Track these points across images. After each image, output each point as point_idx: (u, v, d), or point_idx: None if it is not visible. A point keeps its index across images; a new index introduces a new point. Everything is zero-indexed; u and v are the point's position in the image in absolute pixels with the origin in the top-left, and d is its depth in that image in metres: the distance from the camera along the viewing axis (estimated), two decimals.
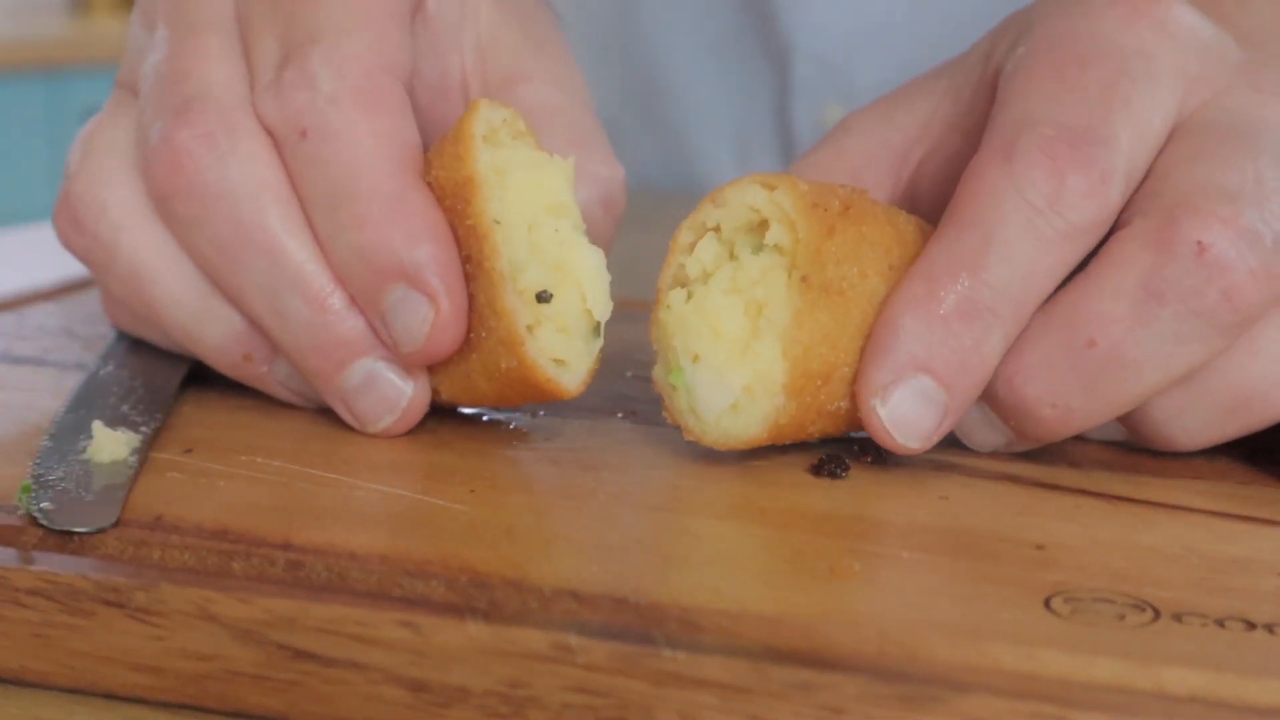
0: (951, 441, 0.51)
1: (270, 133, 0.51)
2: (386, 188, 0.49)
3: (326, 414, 0.54)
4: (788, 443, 0.49)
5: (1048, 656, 0.37)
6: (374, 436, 0.52)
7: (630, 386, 0.58)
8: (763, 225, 0.48)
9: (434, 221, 0.49)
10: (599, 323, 0.51)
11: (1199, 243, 0.46)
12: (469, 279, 0.50)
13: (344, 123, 0.50)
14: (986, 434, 0.50)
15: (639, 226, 0.87)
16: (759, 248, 0.48)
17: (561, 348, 0.50)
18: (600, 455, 0.50)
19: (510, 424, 0.54)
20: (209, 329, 0.53)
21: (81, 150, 0.55)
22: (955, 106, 0.54)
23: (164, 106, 0.52)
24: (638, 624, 0.38)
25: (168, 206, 0.51)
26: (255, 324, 0.52)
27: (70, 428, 0.50)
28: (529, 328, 0.49)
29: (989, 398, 0.49)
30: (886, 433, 0.47)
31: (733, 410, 0.47)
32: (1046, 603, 0.40)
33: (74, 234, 0.54)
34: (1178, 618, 0.39)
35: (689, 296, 0.49)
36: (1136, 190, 0.49)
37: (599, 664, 0.38)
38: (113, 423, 0.50)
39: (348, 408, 0.52)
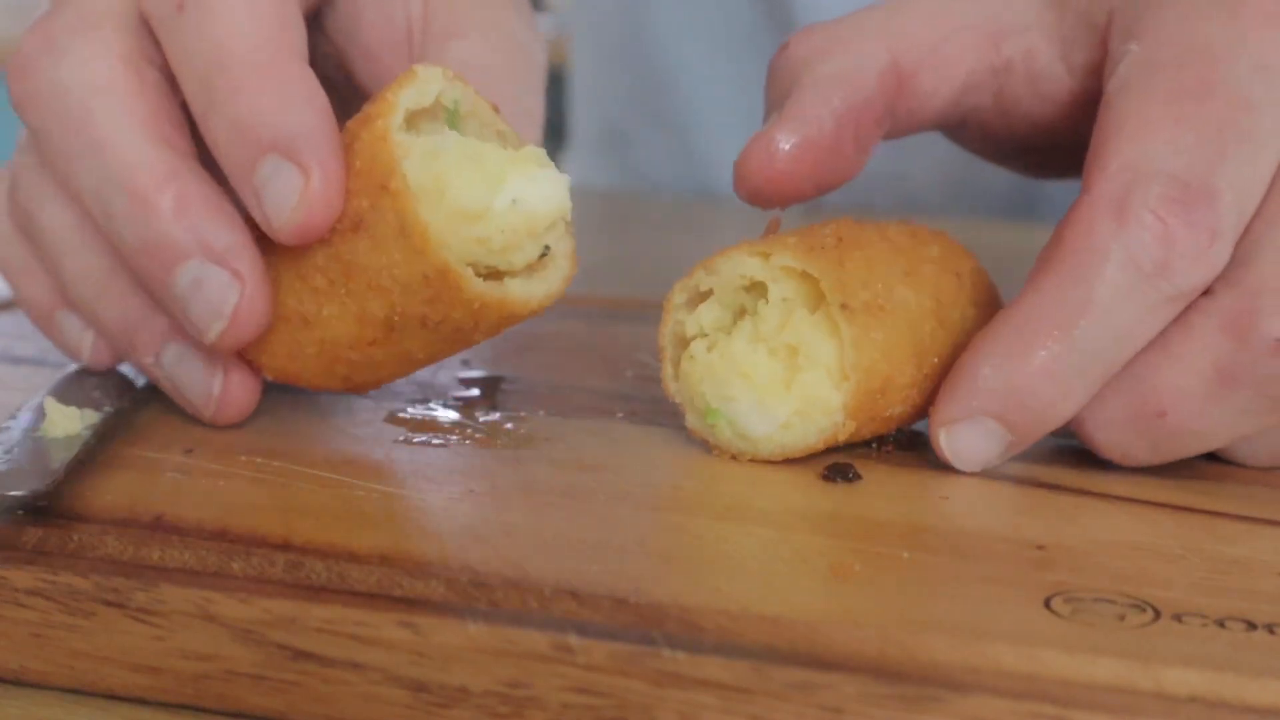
0: None
1: (147, 18, 0.50)
2: (260, 57, 0.47)
3: (326, 414, 0.54)
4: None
5: (1048, 656, 0.37)
6: (353, 434, 0.52)
7: (630, 386, 0.58)
8: (756, 286, 0.50)
9: (310, 91, 0.48)
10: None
11: (1277, 340, 0.46)
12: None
13: None
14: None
15: (649, 229, 0.87)
16: (766, 300, 0.49)
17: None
18: (600, 455, 0.50)
19: (510, 425, 0.54)
20: (106, 306, 0.52)
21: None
22: (1059, 24, 0.53)
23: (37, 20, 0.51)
24: (638, 624, 0.38)
25: (22, 118, 0.50)
26: (96, 223, 0.50)
27: (35, 410, 0.50)
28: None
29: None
30: (946, 458, 0.49)
31: (784, 428, 0.49)
32: (1046, 603, 0.40)
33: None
34: (1178, 618, 0.39)
35: (710, 347, 0.50)
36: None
37: (599, 664, 0.38)
38: (79, 404, 0.50)
39: (185, 316, 0.49)
